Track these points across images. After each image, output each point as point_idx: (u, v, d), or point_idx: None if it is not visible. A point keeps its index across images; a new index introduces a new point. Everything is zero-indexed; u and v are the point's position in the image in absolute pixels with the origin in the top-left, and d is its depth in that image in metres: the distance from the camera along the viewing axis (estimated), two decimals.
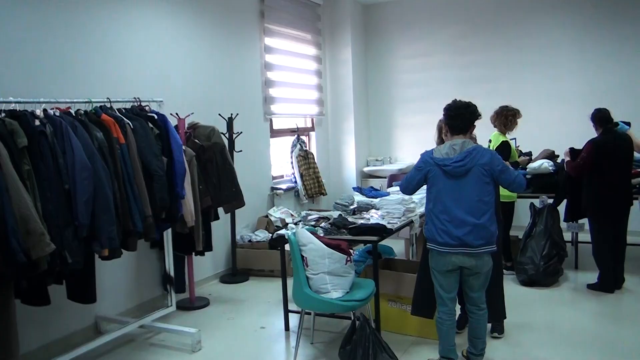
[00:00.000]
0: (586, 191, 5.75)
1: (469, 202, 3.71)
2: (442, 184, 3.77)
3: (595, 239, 5.76)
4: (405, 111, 9.25)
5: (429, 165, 3.82)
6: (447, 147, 3.80)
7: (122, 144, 4.14)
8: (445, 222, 3.73)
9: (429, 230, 3.83)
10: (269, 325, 5.13)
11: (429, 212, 3.86)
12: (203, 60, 6.37)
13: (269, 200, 7.58)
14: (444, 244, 3.74)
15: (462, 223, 3.69)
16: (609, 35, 7.85)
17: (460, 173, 3.72)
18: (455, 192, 3.73)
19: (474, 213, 3.70)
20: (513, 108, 6.06)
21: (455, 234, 3.69)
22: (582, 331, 4.80)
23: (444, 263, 3.79)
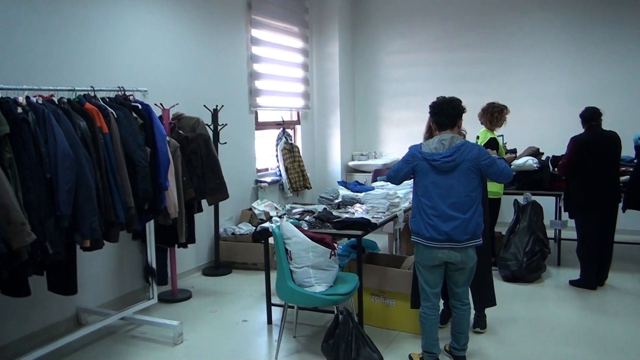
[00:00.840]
0: (571, 187, 5.80)
1: (457, 198, 3.72)
2: (430, 178, 3.76)
3: (579, 235, 5.82)
4: (392, 106, 9.25)
5: (417, 160, 3.81)
6: (436, 142, 3.80)
7: (105, 133, 4.09)
8: (432, 216, 3.73)
9: (416, 224, 3.83)
10: (252, 318, 5.11)
11: (415, 205, 3.86)
12: (189, 50, 6.32)
13: (253, 193, 7.54)
14: (430, 239, 3.74)
15: (449, 218, 3.70)
16: (595, 36, 7.88)
17: (449, 168, 3.72)
18: (443, 187, 3.73)
19: (461, 208, 3.71)
20: (500, 104, 6.06)
21: (442, 228, 3.70)
22: (564, 326, 4.84)
23: (429, 258, 3.79)
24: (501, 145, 6.09)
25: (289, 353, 4.35)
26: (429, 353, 3.94)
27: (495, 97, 6.45)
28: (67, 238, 3.75)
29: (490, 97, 6.57)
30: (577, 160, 5.64)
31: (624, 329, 4.76)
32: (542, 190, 6.49)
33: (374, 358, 3.81)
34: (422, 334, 3.97)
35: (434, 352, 3.94)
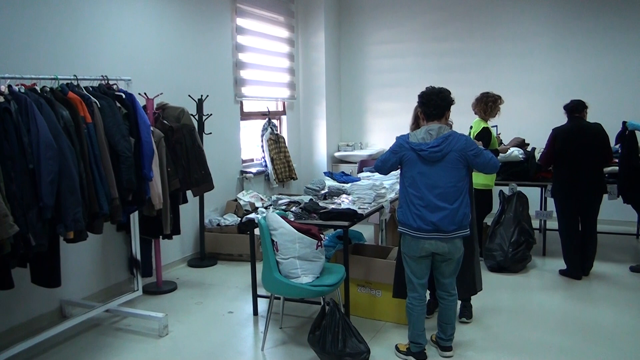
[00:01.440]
0: (555, 176, 5.87)
1: (444, 188, 3.72)
2: (417, 168, 3.76)
3: (559, 223, 5.88)
4: (377, 97, 9.23)
5: (404, 150, 3.81)
6: (424, 132, 3.79)
7: (88, 123, 4.03)
8: (420, 207, 3.73)
9: (403, 214, 3.83)
10: (238, 310, 5.09)
11: (403, 196, 3.86)
12: (173, 39, 6.24)
13: (238, 184, 7.50)
14: (417, 229, 3.74)
15: (436, 208, 3.70)
16: (583, 27, 7.90)
17: (437, 158, 3.72)
18: (431, 177, 3.73)
19: (448, 199, 3.72)
20: (494, 94, 6.05)
21: (429, 219, 3.70)
22: (549, 315, 4.87)
23: (416, 248, 3.79)
24: (494, 136, 6.09)
25: (275, 344, 4.34)
26: (415, 343, 3.95)
27: (481, 87, 6.45)
28: (51, 230, 3.71)
29: (476, 87, 6.58)
30: (555, 150, 5.70)
31: (608, 317, 4.80)
32: (527, 181, 6.52)
33: (360, 349, 3.81)
34: (409, 325, 3.97)
35: (420, 342, 3.95)
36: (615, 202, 6.26)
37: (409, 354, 4.00)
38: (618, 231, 7.38)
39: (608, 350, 4.17)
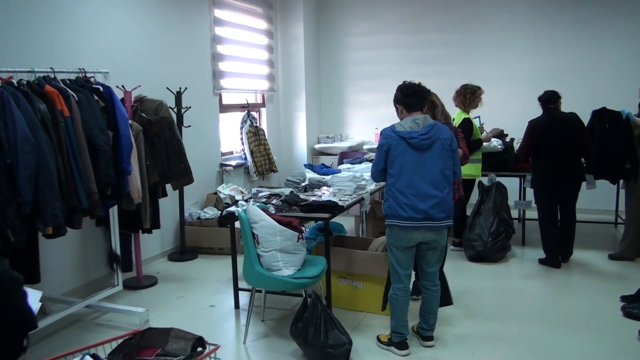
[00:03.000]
0: (532, 165, 5.97)
1: (433, 175, 3.77)
2: (407, 157, 3.77)
3: (538, 213, 5.97)
4: (357, 89, 9.23)
5: (392, 140, 3.80)
6: (410, 122, 3.82)
7: (66, 117, 3.98)
8: (410, 196, 3.74)
9: (390, 207, 3.82)
10: (219, 303, 5.08)
11: (390, 187, 3.85)
12: (150, 30, 6.18)
13: (218, 177, 7.47)
14: (408, 219, 3.75)
15: (427, 196, 3.74)
16: (560, 18, 7.98)
17: (426, 146, 3.76)
18: (420, 165, 3.76)
19: (437, 186, 3.77)
20: (473, 86, 6.11)
21: (420, 207, 3.72)
22: (529, 304, 4.95)
23: (405, 239, 3.81)
24: (476, 126, 6.14)
25: (257, 337, 4.33)
26: (398, 334, 3.97)
27: (459, 79, 6.49)
28: (29, 225, 3.67)
29: (455, 78, 6.62)
30: (533, 142, 5.77)
31: (586, 304, 4.88)
32: (506, 172, 6.58)
33: (342, 340, 3.81)
34: (392, 315, 3.99)
35: (403, 332, 3.97)
36: (594, 191, 6.33)
37: (391, 344, 4.02)
38: (597, 220, 7.47)
39: (585, 337, 4.23)
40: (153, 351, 2.06)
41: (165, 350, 2.05)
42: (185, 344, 2.09)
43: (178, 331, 2.25)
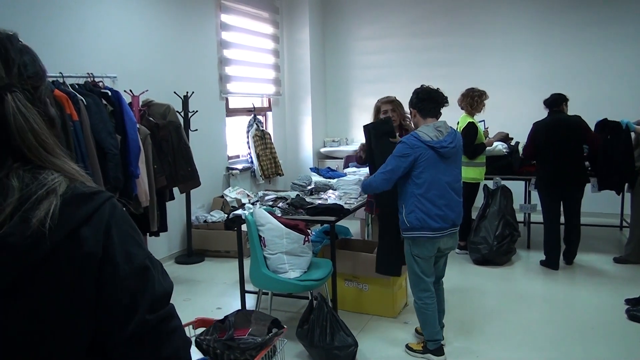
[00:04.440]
0: (536, 167, 6.03)
1: (456, 183, 3.80)
2: (437, 167, 3.67)
3: (542, 215, 5.99)
4: (362, 92, 9.25)
5: (420, 150, 3.65)
6: (432, 130, 3.71)
7: (75, 121, 4.05)
8: (443, 206, 3.68)
9: (419, 219, 3.68)
10: (226, 305, 5.11)
11: (418, 198, 3.69)
12: (158, 35, 6.24)
13: (224, 180, 7.51)
14: (438, 229, 3.69)
15: (455, 205, 3.75)
16: (564, 21, 7.99)
17: (452, 154, 3.74)
18: (447, 174, 3.72)
19: (459, 193, 3.82)
20: (479, 89, 6.15)
21: (450, 217, 3.72)
22: (534, 306, 4.96)
23: (432, 249, 3.77)
24: (480, 130, 6.17)
25: None
26: (434, 341, 3.93)
27: (465, 82, 6.52)
28: None
29: (460, 82, 6.63)
30: (535, 144, 5.82)
31: (591, 307, 4.89)
32: (511, 175, 6.59)
33: (348, 342, 3.84)
34: (424, 324, 3.93)
35: (438, 339, 3.95)
36: (599, 195, 6.34)
37: (427, 351, 3.96)
38: (602, 223, 7.47)
39: (590, 339, 4.25)
40: (244, 331, 2.23)
41: (252, 331, 2.24)
42: (264, 325, 2.22)
43: (258, 314, 2.43)
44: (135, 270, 1.10)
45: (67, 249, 1.01)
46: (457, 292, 5.15)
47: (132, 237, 1.12)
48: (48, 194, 1.01)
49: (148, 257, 1.15)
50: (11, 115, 1.02)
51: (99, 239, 1.05)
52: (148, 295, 1.11)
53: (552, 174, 5.75)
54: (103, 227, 1.07)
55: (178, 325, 1.17)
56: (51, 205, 0.99)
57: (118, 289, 1.07)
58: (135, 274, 1.10)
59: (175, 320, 1.17)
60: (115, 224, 1.09)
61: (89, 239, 1.04)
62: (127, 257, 1.09)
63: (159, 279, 1.16)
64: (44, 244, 0.97)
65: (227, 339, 2.13)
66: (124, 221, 1.13)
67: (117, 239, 1.08)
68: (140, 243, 1.14)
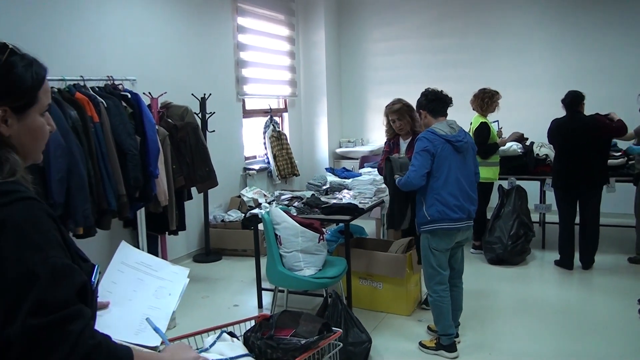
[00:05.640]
0: (552, 165, 6.10)
1: (470, 177, 3.98)
2: (453, 160, 3.88)
3: (558, 213, 6.02)
4: (378, 93, 9.30)
5: (439, 143, 3.84)
6: (445, 126, 3.93)
7: (96, 122, 4.15)
8: (459, 197, 3.87)
9: (440, 211, 3.83)
10: (242, 303, 5.21)
11: (437, 191, 3.85)
12: (176, 39, 6.35)
13: (241, 180, 7.61)
14: (458, 220, 3.86)
15: (470, 197, 3.93)
16: (577, 21, 7.99)
17: (465, 149, 3.93)
18: (462, 167, 3.92)
19: (473, 187, 3.98)
20: (491, 90, 6.19)
21: (467, 207, 3.90)
22: (548, 306, 4.99)
23: (449, 241, 3.93)
24: (493, 130, 6.21)
25: None
26: (447, 335, 4.01)
27: (480, 83, 6.55)
28: None
29: (475, 83, 6.67)
30: (551, 140, 5.92)
31: (604, 307, 4.92)
32: (526, 175, 6.61)
33: (362, 338, 3.91)
34: (439, 318, 4.01)
35: (452, 332, 4.03)
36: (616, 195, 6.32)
37: (440, 347, 4.04)
38: (619, 223, 7.43)
39: (602, 338, 4.29)
40: (288, 331, 2.28)
41: (296, 332, 2.26)
42: (313, 327, 2.28)
43: (307, 315, 2.48)
44: (21, 273, 1.14)
45: None
46: (472, 291, 5.18)
47: (30, 240, 1.17)
48: None
49: (43, 263, 1.16)
50: None
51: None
52: (32, 299, 1.12)
53: (566, 174, 5.78)
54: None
55: (73, 331, 1.17)
56: None
57: (1, 288, 1.13)
58: (21, 277, 1.14)
59: (72, 326, 1.16)
60: (13, 224, 1.15)
61: None
62: (17, 259, 1.14)
63: (51, 286, 1.16)
64: None
65: (268, 338, 2.21)
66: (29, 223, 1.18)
67: (11, 239, 1.15)
68: (40, 247, 1.18)
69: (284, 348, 2.17)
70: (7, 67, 1.29)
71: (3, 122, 1.28)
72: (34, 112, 1.34)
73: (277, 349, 2.14)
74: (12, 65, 1.30)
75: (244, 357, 1.94)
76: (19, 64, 1.31)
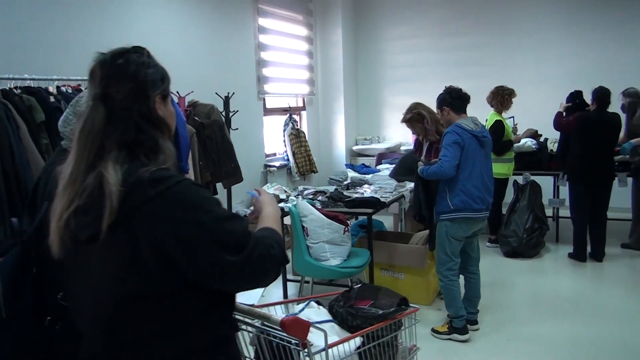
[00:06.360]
0: (570, 159, 6.10)
1: (490, 170, 4.22)
2: (478, 154, 4.11)
3: (571, 202, 6.16)
4: (394, 91, 9.47)
5: (466, 137, 4.07)
6: (470, 122, 4.16)
7: None
8: (481, 189, 4.11)
9: (463, 201, 4.07)
10: (269, 294, 5.39)
11: (462, 182, 4.08)
12: (201, 40, 6.54)
13: (262, 177, 7.80)
14: (479, 210, 4.10)
15: (489, 189, 4.18)
16: (592, 19, 8.12)
17: (487, 144, 4.19)
18: (484, 161, 4.17)
19: (491, 180, 4.23)
20: (508, 88, 6.35)
21: (487, 199, 4.14)
22: (562, 297, 5.17)
23: (467, 230, 4.17)
24: (508, 127, 6.36)
25: None
26: (459, 318, 4.25)
27: (494, 80, 6.72)
28: None
29: (489, 80, 6.84)
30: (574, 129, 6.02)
31: (617, 296, 5.11)
32: (540, 171, 6.77)
33: None
34: (451, 301, 4.25)
35: (463, 314, 4.27)
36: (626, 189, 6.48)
37: (454, 331, 4.27)
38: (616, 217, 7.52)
39: (615, 325, 4.48)
40: (367, 302, 2.47)
41: (375, 304, 2.46)
42: (392, 301, 2.49)
43: (386, 290, 2.69)
44: (205, 230, 1.43)
45: None
46: (488, 282, 5.35)
47: (201, 207, 1.45)
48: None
49: (214, 218, 1.47)
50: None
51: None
52: (231, 243, 1.45)
53: (592, 169, 5.91)
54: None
55: (274, 249, 1.55)
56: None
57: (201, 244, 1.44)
58: (207, 237, 1.43)
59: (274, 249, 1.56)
60: (184, 198, 1.44)
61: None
62: (197, 221, 1.43)
63: (230, 227, 1.47)
64: None
65: (349, 306, 2.42)
66: (193, 195, 1.45)
67: (189, 210, 1.43)
68: (210, 210, 1.46)
69: (362, 316, 2.37)
70: (154, 61, 1.59)
71: (160, 105, 1.56)
72: (168, 100, 1.63)
73: (356, 317, 2.36)
74: (155, 60, 1.60)
75: (328, 322, 2.16)
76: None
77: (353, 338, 2.26)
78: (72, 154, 1.45)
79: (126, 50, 1.57)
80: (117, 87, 1.49)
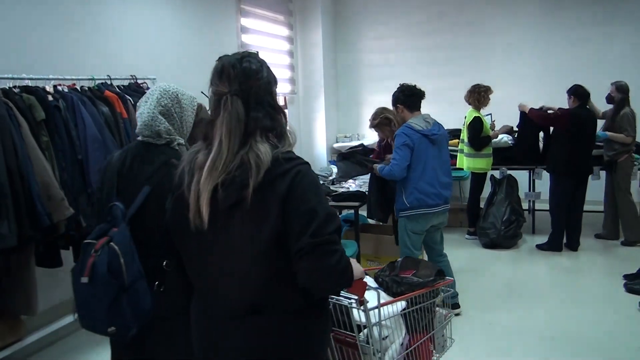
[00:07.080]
0: (557, 153, 6.24)
1: (446, 165, 4.36)
2: (430, 152, 4.27)
3: (555, 195, 6.29)
4: (373, 90, 9.65)
5: (415, 137, 4.24)
6: (422, 120, 4.31)
7: (124, 118, 4.48)
8: (436, 185, 4.27)
9: (418, 199, 4.26)
10: None
11: (415, 181, 4.27)
12: (187, 40, 6.63)
13: None
14: (434, 205, 4.27)
15: (446, 184, 4.33)
16: (564, 19, 8.37)
17: (439, 141, 4.31)
18: (437, 157, 4.30)
19: (448, 173, 4.37)
20: (484, 85, 6.57)
21: (443, 194, 4.30)
22: (541, 282, 5.45)
23: (425, 224, 4.34)
24: (486, 124, 6.57)
25: None
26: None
27: (472, 79, 6.95)
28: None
29: (467, 79, 7.07)
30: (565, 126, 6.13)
31: (592, 283, 5.39)
32: (516, 165, 7.01)
33: None
34: None
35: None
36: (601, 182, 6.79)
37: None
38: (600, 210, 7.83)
39: (591, 308, 4.74)
40: (410, 272, 2.74)
41: (416, 273, 2.73)
42: (430, 272, 2.73)
43: (426, 262, 2.96)
44: (309, 209, 1.69)
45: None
46: (469, 272, 5.59)
47: (316, 190, 1.76)
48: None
49: (321, 206, 1.72)
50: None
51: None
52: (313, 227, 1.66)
53: (579, 162, 6.14)
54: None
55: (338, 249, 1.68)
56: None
57: (297, 215, 1.71)
58: (309, 211, 1.69)
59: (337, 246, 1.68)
60: (307, 175, 1.77)
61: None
62: (309, 199, 1.71)
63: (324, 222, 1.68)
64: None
65: (394, 275, 2.67)
66: (314, 179, 1.81)
67: (306, 185, 1.74)
68: (320, 196, 1.75)
69: (406, 283, 2.61)
70: (266, 63, 1.91)
71: (277, 98, 1.90)
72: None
73: (400, 284, 2.60)
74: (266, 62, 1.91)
75: (376, 289, 2.37)
76: None
77: (399, 300, 2.51)
78: (217, 140, 1.75)
79: (247, 53, 1.93)
80: (251, 83, 1.82)
